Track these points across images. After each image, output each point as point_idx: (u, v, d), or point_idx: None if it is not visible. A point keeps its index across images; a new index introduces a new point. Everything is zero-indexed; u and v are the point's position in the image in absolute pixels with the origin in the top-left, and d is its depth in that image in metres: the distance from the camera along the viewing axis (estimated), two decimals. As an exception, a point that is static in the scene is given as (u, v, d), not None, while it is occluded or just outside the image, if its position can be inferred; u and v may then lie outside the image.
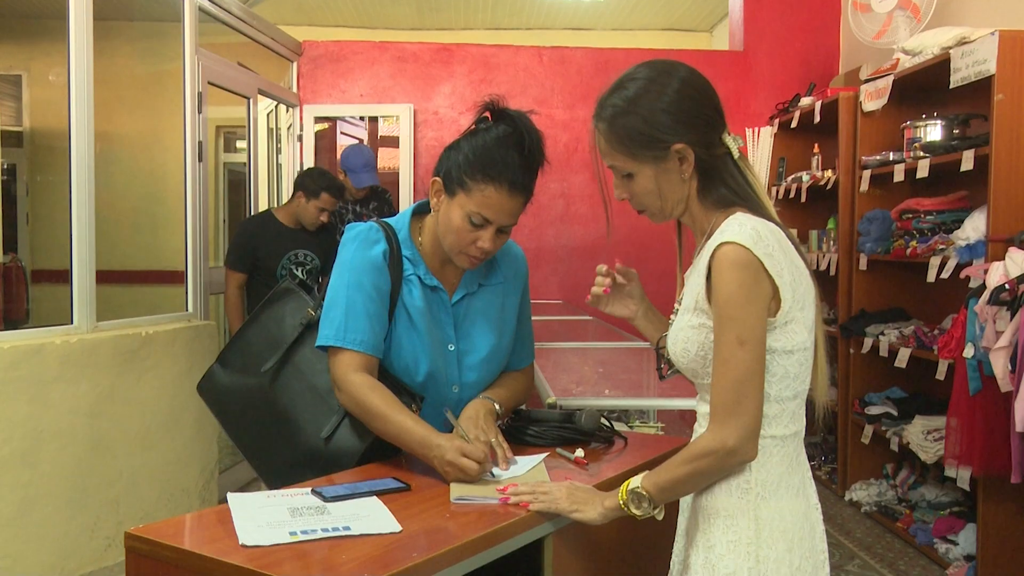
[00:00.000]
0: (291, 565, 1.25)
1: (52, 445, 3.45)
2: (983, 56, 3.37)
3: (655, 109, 1.43)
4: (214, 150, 6.99)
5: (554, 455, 1.82)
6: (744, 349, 1.34)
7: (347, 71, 5.74)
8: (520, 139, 1.71)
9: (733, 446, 1.35)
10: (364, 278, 1.77)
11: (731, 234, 1.36)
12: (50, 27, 6.01)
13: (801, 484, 1.45)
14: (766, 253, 1.35)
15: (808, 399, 1.46)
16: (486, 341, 1.86)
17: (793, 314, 1.38)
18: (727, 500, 1.42)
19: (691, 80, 1.46)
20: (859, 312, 4.45)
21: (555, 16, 8.45)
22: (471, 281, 1.86)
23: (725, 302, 1.35)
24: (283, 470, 1.83)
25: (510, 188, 1.70)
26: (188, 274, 4.39)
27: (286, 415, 1.82)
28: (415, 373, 1.80)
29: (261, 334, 1.91)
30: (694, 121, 1.44)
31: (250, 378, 1.88)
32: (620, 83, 1.48)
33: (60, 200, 3.95)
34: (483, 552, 1.39)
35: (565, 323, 4.63)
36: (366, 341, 1.75)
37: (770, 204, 1.47)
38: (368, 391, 1.71)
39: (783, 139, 5.51)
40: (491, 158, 1.70)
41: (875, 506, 4.27)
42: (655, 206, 1.49)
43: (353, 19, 8.45)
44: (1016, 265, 3.09)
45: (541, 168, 1.75)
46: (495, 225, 1.72)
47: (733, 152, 1.47)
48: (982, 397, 3.22)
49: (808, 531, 1.44)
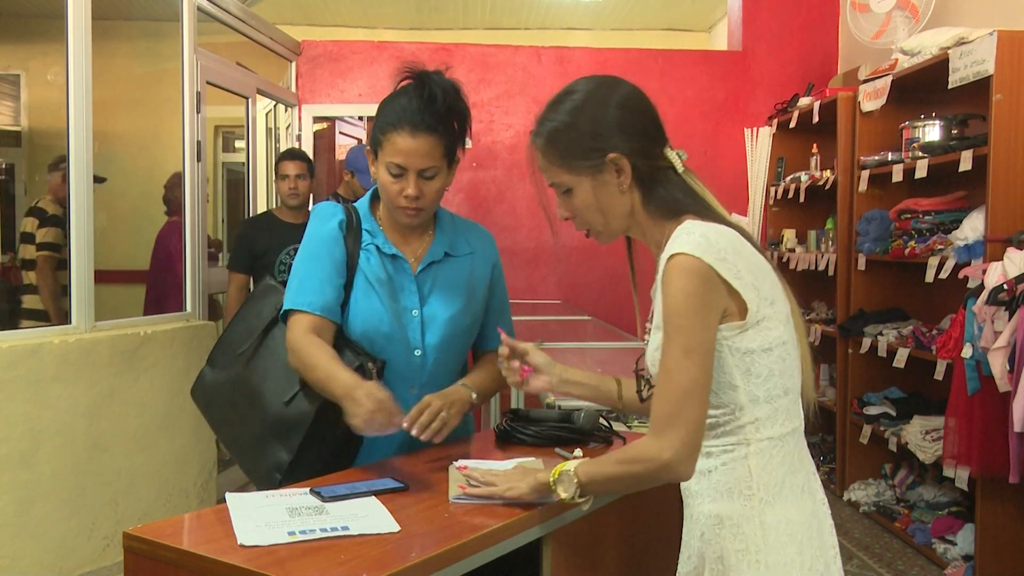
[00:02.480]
0: (290, 565, 1.25)
1: (50, 445, 3.45)
2: (981, 56, 3.38)
3: (591, 119, 1.44)
4: (213, 150, 6.99)
5: (553, 455, 1.82)
6: (689, 359, 1.31)
7: (346, 71, 5.74)
8: (420, 85, 1.78)
9: (668, 460, 1.32)
10: (320, 248, 1.84)
11: (680, 244, 1.34)
12: (49, 26, 6.00)
13: (806, 482, 1.42)
14: (718, 258, 1.32)
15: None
16: (451, 305, 1.88)
17: (763, 311, 1.36)
18: (730, 507, 1.39)
19: (629, 94, 1.47)
20: (858, 312, 4.46)
21: (554, 16, 8.45)
22: (437, 251, 1.90)
23: (672, 312, 1.33)
24: (251, 444, 1.85)
25: (412, 130, 1.75)
26: (187, 274, 4.39)
27: (257, 392, 1.85)
28: (374, 336, 1.83)
29: (242, 329, 1.96)
30: (629, 131, 1.44)
31: (231, 369, 1.92)
32: (558, 98, 1.49)
33: (59, 200, 3.95)
34: (482, 552, 1.39)
35: (564, 323, 4.63)
36: (314, 302, 1.80)
37: (721, 208, 1.45)
38: (306, 344, 1.75)
39: (782, 139, 5.52)
40: (392, 108, 1.78)
41: (873, 506, 4.27)
42: (598, 222, 1.49)
43: (352, 19, 8.44)
44: (1014, 265, 3.10)
45: (457, 111, 1.80)
46: (412, 171, 1.77)
47: (676, 166, 1.46)
48: (980, 397, 3.22)
49: (816, 529, 1.41)
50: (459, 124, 1.83)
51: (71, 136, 3.64)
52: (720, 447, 1.40)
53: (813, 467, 1.47)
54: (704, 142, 5.85)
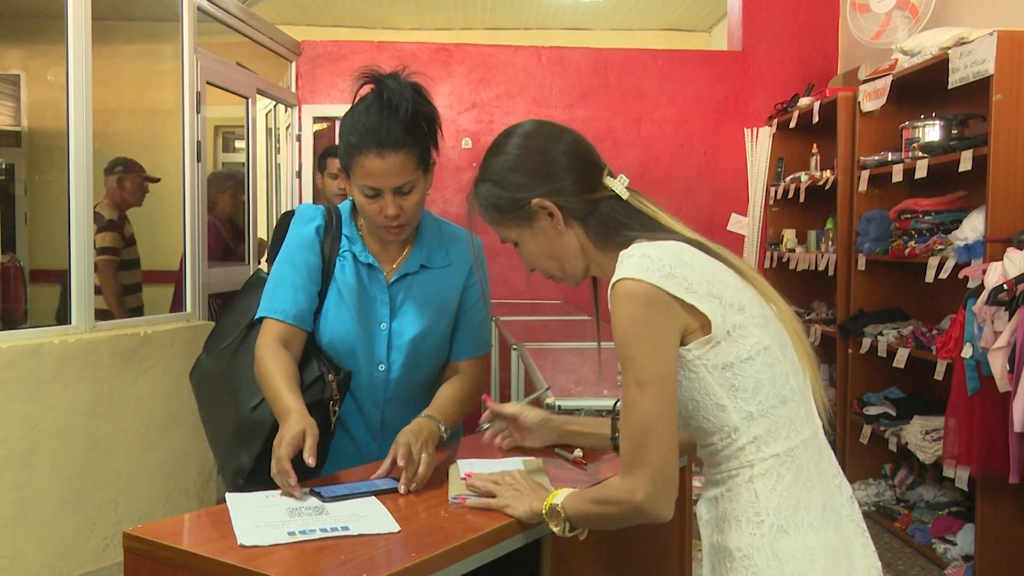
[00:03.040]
0: (289, 565, 1.25)
1: (50, 445, 3.45)
2: (981, 56, 3.38)
3: (512, 171, 1.41)
4: (212, 150, 6.98)
5: (553, 455, 1.82)
6: (644, 392, 1.23)
7: (346, 71, 5.73)
8: (378, 96, 1.71)
9: (640, 502, 1.24)
10: (296, 252, 1.82)
11: (621, 270, 1.27)
12: (48, 27, 6.01)
13: (827, 498, 1.29)
14: (662, 275, 1.24)
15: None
16: (419, 322, 1.84)
17: (731, 320, 1.26)
18: (739, 537, 1.27)
19: (534, 132, 1.43)
20: (858, 312, 4.46)
21: (554, 16, 8.45)
22: (413, 263, 1.86)
23: (620, 343, 1.25)
24: (224, 443, 1.85)
25: (378, 150, 1.68)
26: (187, 274, 4.39)
27: (235, 390, 1.84)
28: (340, 347, 1.81)
29: (232, 320, 1.96)
30: (548, 174, 1.39)
31: (219, 361, 1.92)
32: (486, 157, 1.47)
33: (58, 200, 3.95)
34: (482, 552, 1.38)
35: (564, 323, 4.63)
36: (285, 310, 1.79)
37: (677, 223, 1.38)
38: (268, 357, 1.73)
39: (782, 139, 5.52)
40: (355, 129, 1.71)
41: (873, 506, 4.27)
42: (554, 267, 1.45)
43: (352, 19, 8.44)
44: (1014, 265, 3.10)
45: (422, 115, 1.72)
46: (387, 190, 1.71)
47: (620, 193, 1.39)
48: (980, 397, 3.22)
49: (845, 552, 1.28)
50: (427, 126, 1.75)
51: (71, 136, 3.64)
52: (724, 474, 1.30)
53: (838, 480, 1.34)
54: (704, 142, 5.85)
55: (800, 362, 1.34)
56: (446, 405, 1.80)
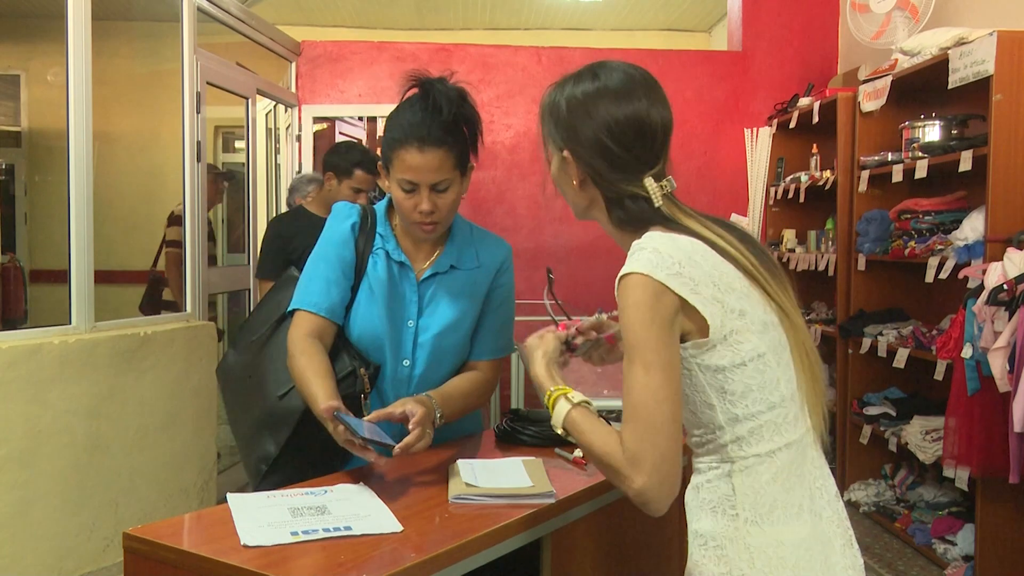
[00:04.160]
0: (290, 565, 1.25)
1: (50, 445, 3.45)
2: (981, 56, 3.38)
3: (559, 101, 1.40)
4: (212, 150, 6.99)
5: (553, 455, 1.82)
6: (650, 375, 1.21)
7: (346, 71, 5.73)
8: (424, 96, 1.77)
9: (639, 488, 1.21)
10: (330, 249, 1.87)
11: (631, 263, 1.26)
12: (48, 27, 6.01)
13: (807, 499, 1.30)
14: (670, 273, 1.24)
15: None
16: (445, 319, 1.88)
17: (730, 325, 1.26)
18: (714, 525, 1.29)
19: (606, 90, 1.38)
20: (857, 312, 4.46)
21: (554, 16, 8.45)
22: (443, 262, 1.90)
23: (628, 328, 1.24)
24: (248, 432, 1.89)
25: (419, 145, 1.74)
26: (187, 274, 4.39)
27: (262, 380, 1.89)
28: (369, 342, 1.86)
29: (262, 316, 2.01)
30: (579, 138, 1.36)
31: (247, 355, 1.98)
32: (577, 77, 1.44)
33: (58, 200, 3.95)
34: (483, 552, 1.39)
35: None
36: (318, 303, 1.83)
37: (697, 220, 1.34)
38: (300, 351, 1.78)
39: (782, 139, 5.52)
40: (398, 124, 1.77)
41: (873, 506, 4.28)
42: (566, 198, 1.45)
43: (352, 19, 8.44)
44: (1014, 265, 3.10)
45: (465, 118, 1.79)
46: (424, 185, 1.76)
47: (653, 199, 1.33)
48: (980, 397, 3.22)
49: (820, 551, 1.29)
50: (469, 131, 1.81)
51: (71, 136, 3.64)
52: (707, 463, 1.32)
53: (821, 482, 1.34)
54: (704, 142, 5.85)
55: (795, 367, 1.33)
56: (450, 393, 1.84)
